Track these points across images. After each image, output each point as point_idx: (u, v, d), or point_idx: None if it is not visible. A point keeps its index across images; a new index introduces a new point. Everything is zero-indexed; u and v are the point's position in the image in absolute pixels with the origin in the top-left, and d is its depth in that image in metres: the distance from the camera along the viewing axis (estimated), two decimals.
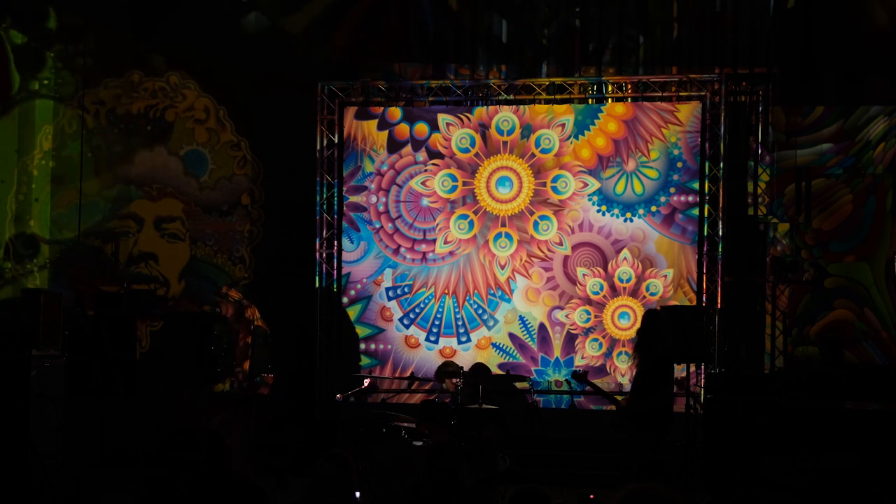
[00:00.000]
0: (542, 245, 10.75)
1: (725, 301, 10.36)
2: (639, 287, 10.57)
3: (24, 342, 8.85)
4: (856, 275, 10.49)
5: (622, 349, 10.53)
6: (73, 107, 11.66)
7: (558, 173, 10.75)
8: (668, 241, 10.58)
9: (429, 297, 10.89)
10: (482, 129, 10.90)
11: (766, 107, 10.62)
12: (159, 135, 11.60)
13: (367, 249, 11.04)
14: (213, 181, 11.56)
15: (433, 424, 8.91)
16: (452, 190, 10.92)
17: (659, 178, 10.61)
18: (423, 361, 10.83)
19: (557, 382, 10.65)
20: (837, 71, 10.62)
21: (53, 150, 11.71)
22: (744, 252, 10.52)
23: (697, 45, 10.85)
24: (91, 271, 11.43)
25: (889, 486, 8.15)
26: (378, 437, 8.82)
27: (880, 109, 10.54)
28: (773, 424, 8.83)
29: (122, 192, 11.59)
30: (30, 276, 11.58)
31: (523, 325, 10.75)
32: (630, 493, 3.55)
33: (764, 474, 8.60)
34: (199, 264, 11.53)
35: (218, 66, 11.52)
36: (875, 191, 10.51)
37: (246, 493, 5.41)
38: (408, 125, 11.01)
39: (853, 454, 8.18)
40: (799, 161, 10.56)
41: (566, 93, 10.83)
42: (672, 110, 10.62)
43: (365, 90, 11.16)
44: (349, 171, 11.08)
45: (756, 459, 8.72)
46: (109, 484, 8.74)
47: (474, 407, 8.76)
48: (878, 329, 10.44)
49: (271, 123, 11.25)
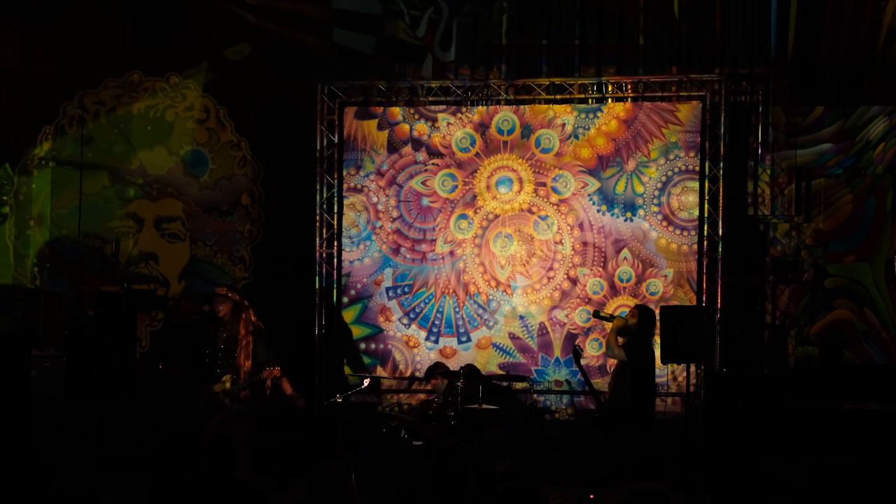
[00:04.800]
0: (542, 245, 10.75)
1: (725, 301, 10.36)
2: (639, 287, 10.57)
3: (24, 342, 8.85)
4: (856, 275, 10.49)
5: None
6: (73, 106, 11.66)
7: (558, 173, 10.76)
8: (668, 240, 10.58)
9: (429, 297, 10.89)
10: (482, 129, 10.90)
11: (766, 107, 10.62)
12: (159, 135, 11.60)
13: (367, 249, 11.04)
14: (213, 181, 11.55)
15: (433, 424, 8.93)
16: (453, 190, 10.92)
17: (659, 177, 10.61)
18: (423, 361, 10.82)
19: (557, 382, 10.65)
20: (837, 71, 10.63)
21: (53, 150, 11.70)
22: (744, 252, 10.53)
23: (697, 45, 10.85)
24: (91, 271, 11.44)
25: (889, 486, 8.15)
26: (378, 437, 8.83)
27: (880, 109, 10.54)
28: (773, 424, 8.84)
29: (122, 192, 11.59)
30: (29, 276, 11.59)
31: (523, 325, 10.75)
32: (632, 494, 3.55)
33: (764, 474, 8.60)
34: (199, 264, 11.52)
35: (218, 66, 11.53)
36: (875, 191, 10.51)
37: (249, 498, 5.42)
38: (408, 125, 11.01)
39: (853, 454, 8.18)
40: (799, 161, 10.56)
41: (566, 93, 10.83)
42: (672, 110, 10.62)
43: (365, 90, 11.16)
44: (349, 171, 11.08)
45: (756, 459, 8.72)
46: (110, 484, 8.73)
47: (474, 407, 8.79)
48: (878, 329, 10.44)
49: (271, 123, 11.25)
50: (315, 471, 5.28)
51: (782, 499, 8.27)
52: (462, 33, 11.24)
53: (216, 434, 8.07)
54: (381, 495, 7.90)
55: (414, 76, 11.26)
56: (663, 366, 9.72)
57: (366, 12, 11.43)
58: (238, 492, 5.49)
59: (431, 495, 5.36)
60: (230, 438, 5.85)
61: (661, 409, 9.93)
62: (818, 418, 8.70)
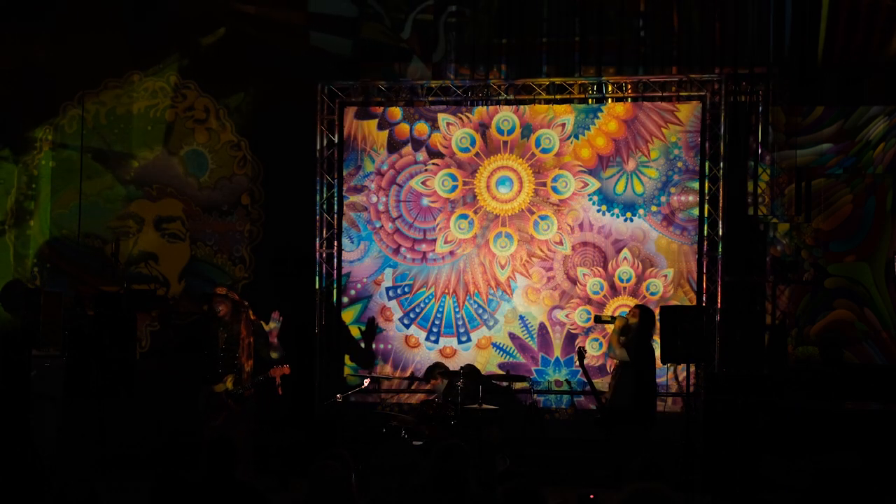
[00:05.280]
0: (542, 245, 10.75)
1: (725, 301, 10.36)
2: (639, 287, 10.57)
3: (24, 342, 8.85)
4: (856, 275, 10.49)
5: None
6: (73, 106, 11.66)
7: (558, 173, 10.76)
8: (668, 240, 10.58)
9: (429, 297, 10.89)
10: (482, 129, 10.90)
11: (766, 107, 10.62)
12: (159, 135, 11.60)
13: (367, 249, 11.04)
14: (213, 181, 11.55)
15: (433, 424, 8.93)
16: (452, 190, 10.92)
17: (659, 177, 10.61)
18: (423, 361, 10.83)
19: (557, 382, 10.65)
20: (837, 71, 10.63)
21: (53, 150, 11.70)
22: (744, 252, 10.53)
23: (697, 45, 10.85)
24: (91, 271, 11.45)
25: (889, 486, 8.15)
26: (378, 437, 8.83)
27: (880, 109, 10.54)
28: (773, 424, 8.84)
29: (122, 192, 11.59)
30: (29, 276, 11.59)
31: (523, 325, 10.75)
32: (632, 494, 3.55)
33: (764, 474, 8.61)
34: (199, 264, 11.52)
35: (218, 66, 11.53)
36: (875, 191, 10.51)
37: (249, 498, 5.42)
38: (408, 125, 11.01)
39: (853, 454, 8.19)
40: (799, 161, 10.56)
41: (566, 93, 10.83)
42: (672, 110, 10.62)
43: (365, 90, 11.16)
44: (349, 171, 11.08)
45: (756, 459, 8.72)
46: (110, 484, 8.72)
47: (474, 407, 8.79)
48: (878, 329, 10.44)
49: (271, 123, 11.26)
50: (315, 471, 5.28)
51: (782, 499, 8.27)
52: (449, 34, 11.25)
53: (217, 434, 8.08)
54: (381, 495, 7.90)
55: (414, 76, 11.26)
56: (663, 365, 9.72)
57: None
58: (239, 492, 5.49)
59: (431, 495, 5.36)
60: (231, 438, 5.85)
61: (661, 408, 9.93)
62: (818, 418, 8.70)
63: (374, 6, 11.41)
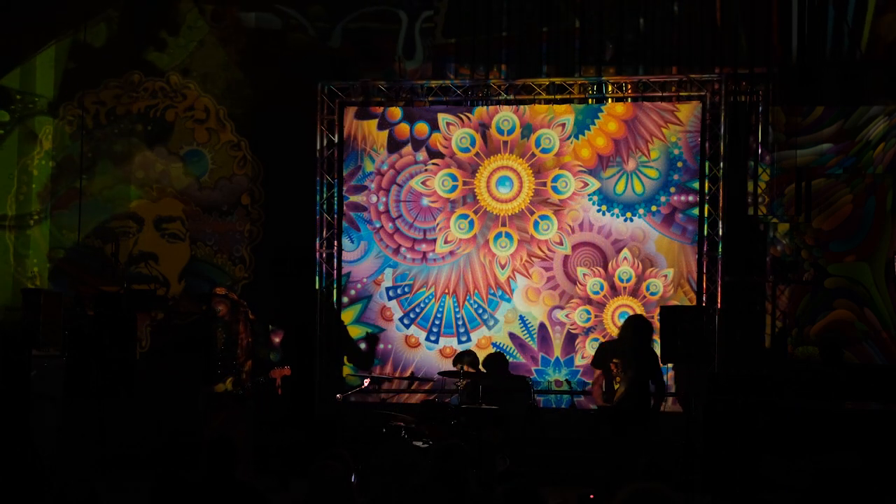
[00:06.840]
0: (542, 245, 10.75)
1: (725, 301, 10.35)
2: (639, 287, 10.57)
3: (24, 342, 8.85)
4: (856, 275, 10.49)
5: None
6: (73, 106, 11.66)
7: (558, 173, 10.76)
8: (668, 240, 10.58)
9: (429, 297, 10.89)
10: (482, 129, 10.90)
11: (766, 107, 10.62)
12: (159, 135, 11.60)
13: (367, 249, 11.04)
14: (213, 181, 11.55)
15: (433, 424, 8.92)
16: (452, 189, 10.92)
17: (659, 177, 10.61)
18: (423, 361, 10.83)
19: (557, 382, 10.65)
20: (837, 71, 10.63)
21: (53, 150, 11.70)
22: (744, 252, 10.53)
23: (697, 45, 10.85)
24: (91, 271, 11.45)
25: (889, 486, 8.14)
26: (378, 437, 8.82)
27: (880, 109, 10.54)
28: (773, 424, 8.83)
29: (122, 192, 11.59)
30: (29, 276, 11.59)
31: (523, 325, 10.75)
32: (632, 494, 3.55)
33: (764, 474, 8.60)
34: (199, 264, 11.53)
35: (218, 66, 11.53)
36: (875, 191, 10.51)
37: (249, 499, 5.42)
38: (408, 125, 11.01)
39: (853, 454, 8.18)
40: (799, 161, 10.56)
41: (566, 93, 10.83)
42: (672, 110, 10.62)
43: (365, 90, 11.16)
44: (349, 171, 11.08)
45: (756, 459, 8.71)
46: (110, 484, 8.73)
47: (474, 407, 8.77)
48: (878, 329, 10.44)
49: (271, 123, 11.26)
50: (315, 471, 5.28)
51: (782, 499, 8.26)
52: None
53: (217, 434, 8.07)
54: (381, 495, 7.90)
55: (414, 76, 11.26)
56: (663, 365, 9.70)
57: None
58: (239, 492, 5.49)
59: (431, 495, 5.36)
60: (231, 438, 5.84)
61: (662, 409, 9.92)
62: (818, 418, 8.68)
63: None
